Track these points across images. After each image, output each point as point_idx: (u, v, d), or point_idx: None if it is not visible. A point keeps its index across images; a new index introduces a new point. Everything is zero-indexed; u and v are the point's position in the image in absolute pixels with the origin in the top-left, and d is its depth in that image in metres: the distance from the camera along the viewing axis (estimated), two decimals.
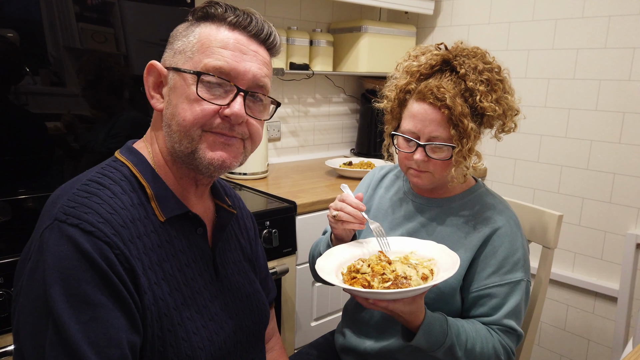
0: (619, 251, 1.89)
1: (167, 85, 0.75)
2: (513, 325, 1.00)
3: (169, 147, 0.75)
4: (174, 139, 0.73)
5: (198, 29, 0.74)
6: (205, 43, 0.72)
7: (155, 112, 0.78)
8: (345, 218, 1.00)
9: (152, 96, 0.76)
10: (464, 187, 1.10)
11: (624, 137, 1.85)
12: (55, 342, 0.60)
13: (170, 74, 0.74)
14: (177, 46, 0.75)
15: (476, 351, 0.95)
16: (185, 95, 0.72)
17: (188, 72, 0.72)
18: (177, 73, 0.73)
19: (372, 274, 0.87)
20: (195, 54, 0.72)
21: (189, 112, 0.71)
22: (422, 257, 0.97)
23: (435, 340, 0.92)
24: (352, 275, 0.89)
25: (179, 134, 0.72)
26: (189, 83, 0.72)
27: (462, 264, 1.01)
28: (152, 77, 0.76)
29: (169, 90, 0.74)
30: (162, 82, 0.76)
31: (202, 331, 0.75)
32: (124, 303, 0.64)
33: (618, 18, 1.82)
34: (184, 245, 0.76)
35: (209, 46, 0.72)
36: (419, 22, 2.44)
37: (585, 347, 2.02)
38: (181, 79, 0.72)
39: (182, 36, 0.75)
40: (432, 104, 0.97)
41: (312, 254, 1.21)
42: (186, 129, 0.72)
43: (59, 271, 0.61)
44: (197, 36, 0.73)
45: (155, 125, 0.79)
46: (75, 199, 0.66)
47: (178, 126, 0.72)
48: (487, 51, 1.04)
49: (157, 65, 0.75)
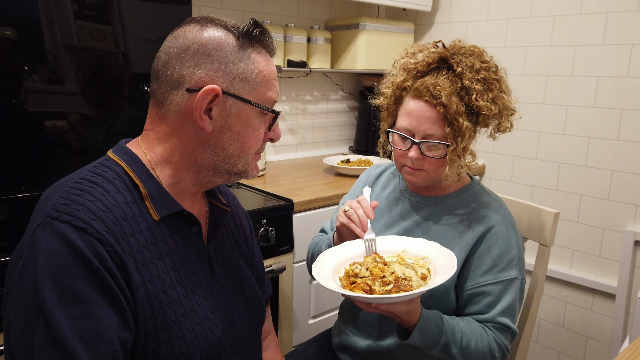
0: (617, 248, 1.89)
1: (219, 106, 0.73)
2: (507, 322, 1.00)
3: (214, 165, 0.77)
4: (227, 161, 0.77)
5: (253, 56, 0.75)
6: (266, 75, 0.76)
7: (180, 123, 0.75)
8: (353, 218, 1.01)
9: (202, 118, 0.73)
10: (459, 185, 1.11)
11: (622, 134, 1.84)
12: (45, 338, 0.60)
13: (230, 100, 0.73)
14: (237, 71, 0.73)
15: (471, 349, 0.96)
16: (253, 126, 0.76)
17: (268, 111, 0.77)
18: (241, 102, 0.74)
19: (372, 278, 0.87)
20: (259, 87, 0.75)
21: (253, 141, 0.77)
22: (415, 255, 0.97)
23: (430, 338, 0.92)
24: (350, 280, 0.88)
25: (238, 158, 0.77)
26: (256, 114, 0.76)
27: (457, 261, 1.01)
28: (208, 99, 0.72)
29: (228, 116, 0.74)
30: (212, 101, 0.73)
31: (197, 329, 0.75)
32: (116, 300, 0.64)
33: (616, 14, 1.81)
34: (179, 244, 0.76)
35: (269, 79, 0.76)
36: (417, 19, 2.43)
37: (584, 343, 2.02)
38: (246, 108, 0.74)
39: (238, 60, 0.73)
40: (428, 101, 0.97)
41: (311, 252, 1.22)
42: (247, 155, 0.78)
43: (50, 267, 0.61)
44: (256, 65, 0.75)
45: (182, 136, 0.75)
46: (68, 197, 0.66)
47: (240, 152, 0.77)
48: (485, 50, 1.04)
49: (217, 90, 0.71)
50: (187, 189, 0.79)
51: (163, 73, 0.74)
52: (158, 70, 0.75)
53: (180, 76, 0.72)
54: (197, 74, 0.72)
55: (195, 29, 0.74)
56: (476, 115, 1.00)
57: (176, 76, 0.73)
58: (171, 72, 0.73)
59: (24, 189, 1.41)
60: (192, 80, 0.72)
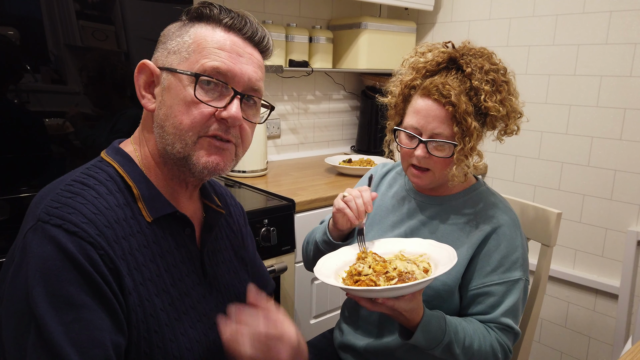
0: (619, 248, 1.88)
1: (159, 85, 0.74)
2: (510, 323, 1.00)
3: (160, 149, 0.74)
4: (166, 141, 0.72)
5: (193, 29, 0.73)
6: (201, 43, 0.72)
7: (145, 112, 0.77)
8: (351, 205, 1.00)
9: (143, 96, 0.75)
10: (465, 185, 1.10)
11: (625, 134, 1.84)
12: (37, 343, 0.59)
13: (163, 74, 0.73)
14: (171, 46, 0.74)
15: (474, 349, 0.95)
16: (181, 96, 0.71)
17: (185, 74, 0.71)
18: (171, 73, 0.72)
19: (376, 274, 0.86)
20: (192, 55, 0.72)
21: (185, 116, 0.70)
22: (413, 253, 0.97)
23: (433, 337, 0.92)
24: (354, 278, 0.88)
25: (173, 136, 0.71)
26: (185, 84, 0.71)
27: (462, 261, 1.01)
28: (144, 76, 0.75)
29: (162, 91, 0.73)
30: (153, 81, 0.75)
31: (191, 332, 0.74)
32: (108, 304, 0.63)
33: (619, 13, 1.80)
34: (172, 246, 0.75)
35: (205, 47, 0.71)
36: (419, 18, 2.43)
37: (586, 344, 2.02)
38: (177, 79, 0.71)
39: (176, 36, 0.74)
40: (437, 100, 0.97)
41: (306, 240, 1.22)
42: (182, 132, 0.71)
43: (41, 272, 0.60)
44: (192, 36, 0.73)
45: (145, 125, 0.78)
46: (59, 200, 0.66)
47: (173, 129, 0.71)
48: (494, 52, 1.04)
49: (149, 65, 0.74)
50: (178, 188, 0.78)
51: None
52: None
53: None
54: (153, 59, 0.76)
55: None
56: (484, 116, 1.00)
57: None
58: None
59: (26, 188, 1.42)
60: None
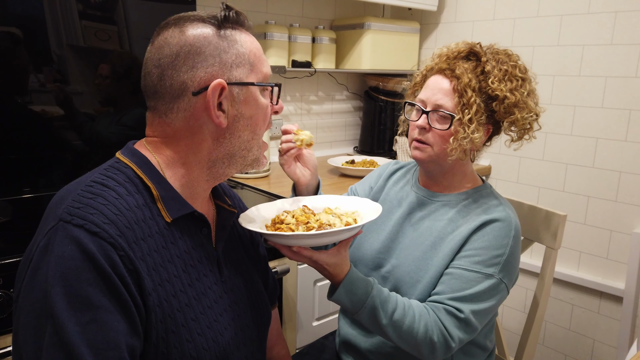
0: (624, 250, 1.87)
1: (228, 99, 0.73)
2: (459, 306, 0.94)
3: (226, 156, 0.77)
4: (243, 148, 0.78)
5: (238, 38, 0.74)
6: (255, 53, 0.76)
7: (183, 125, 0.74)
8: (284, 146, 1.03)
9: (217, 115, 0.73)
10: (470, 186, 1.10)
11: (630, 135, 1.82)
12: (53, 343, 0.60)
13: (235, 88, 0.73)
14: (231, 59, 0.73)
15: (404, 324, 0.91)
16: (259, 106, 0.77)
17: (270, 85, 0.78)
18: (245, 87, 0.75)
19: (297, 224, 0.87)
20: (255, 66, 0.76)
21: (262, 122, 0.79)
22: (346, 211, 0.97)
23: (358, 300, 0.90)
24: (276, 226, 0.89)
25: (252, 141, 0.78)
26: (258, 94, 0.77)
27: (446, 257, 1.00)
28: (217, 95, 0.72)
29: (237, 104, 0.74)
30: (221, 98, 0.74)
31: (207, 332, 0.74)
32: (126, 306, 0.64)
33: (625, 14, 1.79)
34: (189, 246, 0.76)
35: (256, 54, 0.76)
36: (422, 19, 2.42)
37: (590, 346, 2.01)
38: (250, 91, 0.75)
39: (228, 48, 0.73)
40: (445, 74, 1.03)
41: None
42: (259, 136, 0.79)
43: (61, 272, 0.61)
44: (244, 46, 0.74)
45: (198, 140, 0.75)
46: (81, 200, 0.66)
47: (254, 135, 0.78)
48: (519, 56, 1.06)
49: (223, 84, 0.72)
50: (198, 189, 0.79)
51: (162, 87, 0.72)
52: (154, 85, 0.73)
53: (181, 83, 0.71)
54: (197, 76, 0.71)
55: (175, 32, 0.72)
56: (491, 99, 1.01)
57: (177, 85, 0.71)
58: (170, 83, 0.72)
59: (30, 189, 1.42)
60: (195, 83, 0.71)
